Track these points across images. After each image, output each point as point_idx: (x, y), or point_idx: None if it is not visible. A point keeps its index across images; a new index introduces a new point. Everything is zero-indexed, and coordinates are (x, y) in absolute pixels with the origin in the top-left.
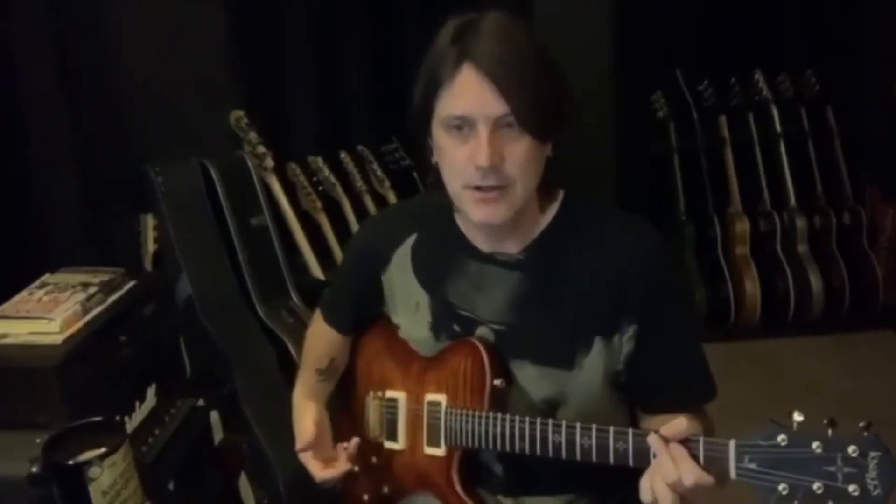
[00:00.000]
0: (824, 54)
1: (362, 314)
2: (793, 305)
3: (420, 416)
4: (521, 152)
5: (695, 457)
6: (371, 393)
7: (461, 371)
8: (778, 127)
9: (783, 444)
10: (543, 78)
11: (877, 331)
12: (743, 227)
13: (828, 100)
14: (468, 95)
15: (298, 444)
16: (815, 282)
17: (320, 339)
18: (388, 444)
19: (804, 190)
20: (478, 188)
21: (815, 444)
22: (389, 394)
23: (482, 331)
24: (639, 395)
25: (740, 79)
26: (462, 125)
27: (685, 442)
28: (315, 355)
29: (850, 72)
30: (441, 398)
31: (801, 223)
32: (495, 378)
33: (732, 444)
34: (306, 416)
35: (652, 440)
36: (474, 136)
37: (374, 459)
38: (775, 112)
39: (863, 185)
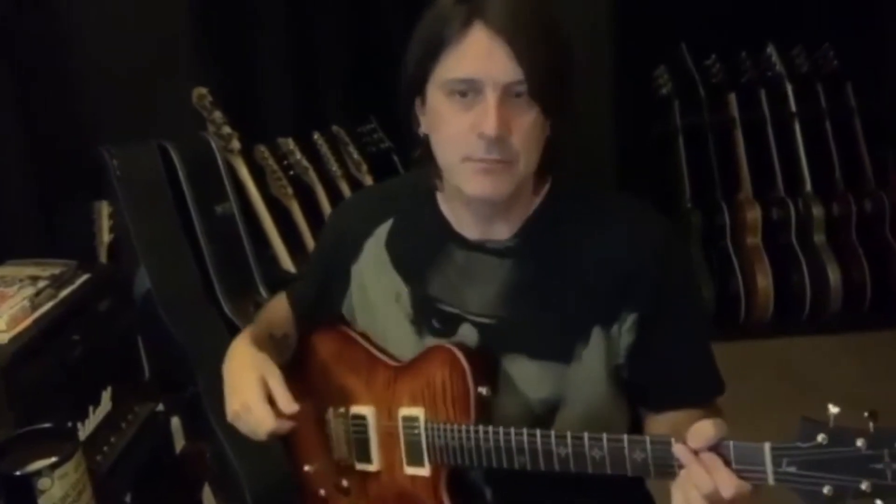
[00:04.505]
0: (843, 26)
1: (324, 306)
2: (808, 301)
3: (395, 433)
4: (527, 125)
5: (727, 463)
6: (331, 409)
7: (438, 381)
8: (792, 105)
9: (824, 443)
10: (557, 45)
11: None
12: (754, 215)
13: (847, 76)
14: (478, 56)
15: (287, 406)
16: (833, 275)
17: (280, 312)
18: (361, 466)
19: (821, 174)
20: (480, 160)
21: (859, 442)
22: (355, 409)
23: (466, 329)
24: (642, 390)
25: (751, 53)
26: (466, 90)
27: (715, 448)
28: (270, 321)
29: (871, 45)
30: (418, 412)
31: (817, 211)
32: (479, 386)
33: (767, 447)
34: (275, 376)
35: (678, 451)
36: (480, 102)
37: (344, 483)
38: (790, 89)
39: (886, 169)
